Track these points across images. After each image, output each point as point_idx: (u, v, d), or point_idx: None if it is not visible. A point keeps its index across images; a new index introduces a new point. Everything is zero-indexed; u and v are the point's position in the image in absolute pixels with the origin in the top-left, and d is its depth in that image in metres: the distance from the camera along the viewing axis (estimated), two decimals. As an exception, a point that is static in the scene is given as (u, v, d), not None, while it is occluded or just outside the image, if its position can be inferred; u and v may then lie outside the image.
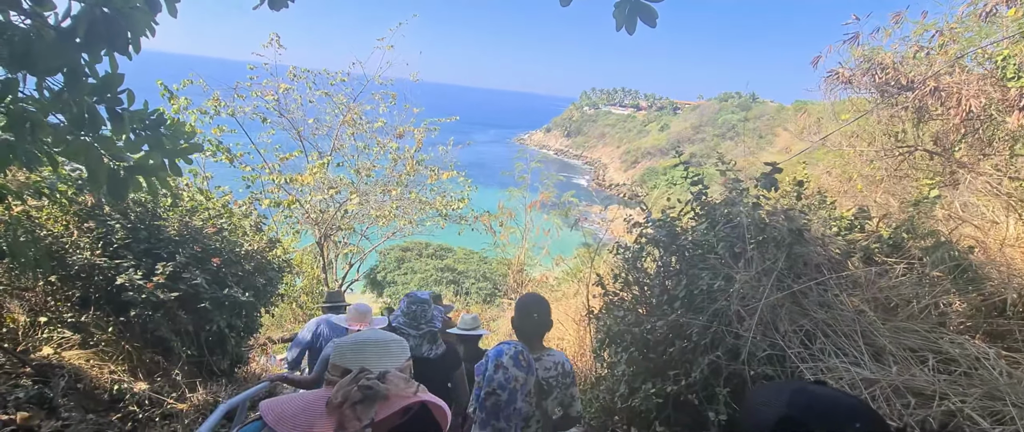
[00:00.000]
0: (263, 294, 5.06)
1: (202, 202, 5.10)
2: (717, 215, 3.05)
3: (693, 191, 3.36)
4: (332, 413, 1.14)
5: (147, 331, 4.15)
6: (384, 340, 1.30)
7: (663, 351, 3.11)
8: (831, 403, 0.98)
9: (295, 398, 1.21)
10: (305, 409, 1.18)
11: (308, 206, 7.86)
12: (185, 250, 4.36)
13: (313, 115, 8.13)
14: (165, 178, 2.13)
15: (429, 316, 2.74)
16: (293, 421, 1.16)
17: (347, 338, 1.31)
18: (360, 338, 1.29)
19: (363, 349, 1.27)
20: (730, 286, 2.68)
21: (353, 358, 1.24)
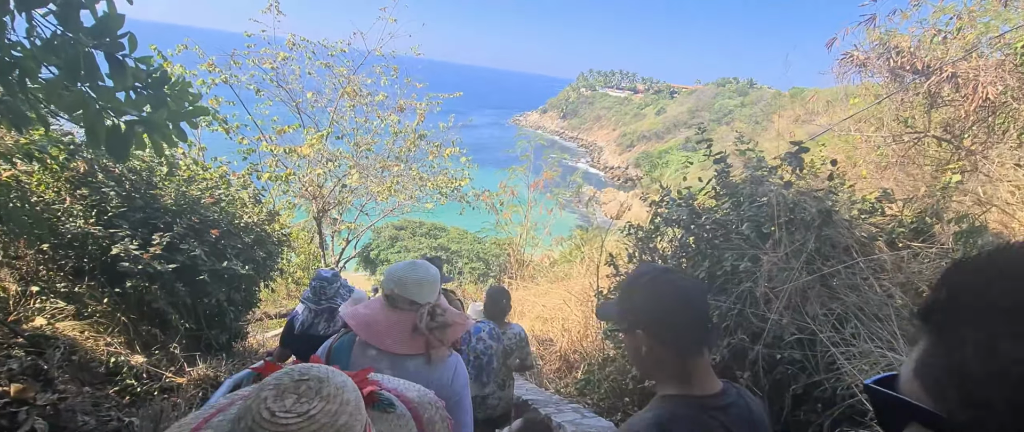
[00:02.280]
0: (262, 268, 4.93)
1: (199, 172, 4.92)
2: (741, 194, 2.95)
3: (716, 169, 3.25)
4: (419, 335, 1.52)
5: (144, 303, 4.02)
6: (433, 278, 1.64)
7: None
8: None
9: (376, 314, 1.59)
10: (393, 326, 1.54)
11: (305, 179, 7.68)
12: (183, 220, 4.20)
13: (312, 87, 7.89)
14: (171, 137, 1.98)
15: (331, 293, 2.85)
16: (385, 335, 1.53)
17: (408, 273, 1.62)
18: (418, 276, 1.62)
19: (427, 284, 1.61)
20: (756, 267, 2.60)
21: (419, 291, 1.59)
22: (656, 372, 1.16)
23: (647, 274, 1.18)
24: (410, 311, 1.58)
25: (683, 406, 1.09)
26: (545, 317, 5.72)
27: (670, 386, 1.14)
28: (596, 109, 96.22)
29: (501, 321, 3.41)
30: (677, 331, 1.11)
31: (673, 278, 1.14)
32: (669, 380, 1.14)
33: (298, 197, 8.02)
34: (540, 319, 5.73)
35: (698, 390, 1.11)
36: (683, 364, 1.12)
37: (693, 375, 1.12)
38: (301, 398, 0.82)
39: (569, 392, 4.18)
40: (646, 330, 1.14)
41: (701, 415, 1.08)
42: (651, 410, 1.13)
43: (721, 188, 3.18)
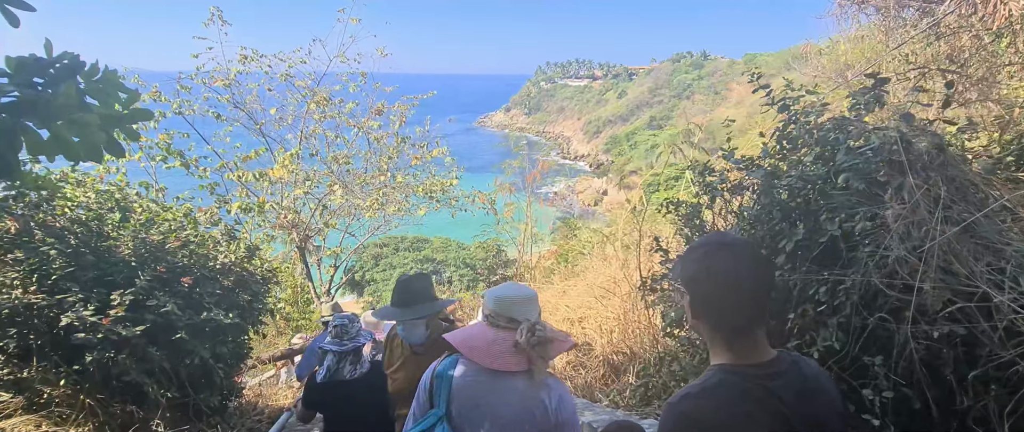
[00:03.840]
0: (249, 312, 4.26)
1: (159, 212, 4.21)
2: (826, 142, 2.44)
3: (779, 120, 2.74)
4: (521, 352, 1.58)
5: (111, 377, 3.32)
6: (531, 296, 1.71)
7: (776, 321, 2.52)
8: None
9: (474, 333, 1.67)
10: (492, 344, 1.61)
11: (281, 208, 6.95)
12: (146, 272, 3.51)
13: (273, 105, 7.15)
14: (97, 147, 1.36)
15: (354, 332, 2.78)
16: (486, 352, 1.59)
17: (506, 292, 1.69)
18: (516, 294, 1.69)
19: (525, 302, 1.67)
20: (876, 226, 2.09)
21: (518, 309, 1.64)
22: (706, 337, 1.17)
23: (704, 246, 1.17)
24: (509, 328, 1.62)
25: (727, 373, 1.09)
26: (572, 318, 5.17)
27: (716, 354, 1.15)
28: (558, 101, 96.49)
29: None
30: (722, 312, 1.10)
31: (729, 255, 1.11)
32: (716, 348, 1.15)
33: (275, 228, 7.29)
34: (567, 321, 5.18)
35: (744, 359, 1.10)
36: (726, 335, 1.11)
37: (739, 345, 1.11)
38: None
39: (629, 403, 3.64)
40: (693, 301, 1.15)
41: (744, 383, 1.07)
42: (695, 380, 1.14)
43: (804, 138, 2.66)
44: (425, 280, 2.50)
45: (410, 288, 2.42)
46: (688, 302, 1.16)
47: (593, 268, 6.51)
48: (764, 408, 1.04)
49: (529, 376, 1.58)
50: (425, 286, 2.47)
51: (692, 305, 1.15)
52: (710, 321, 1.13)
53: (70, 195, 3.82)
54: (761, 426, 1.04)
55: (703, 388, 1.08)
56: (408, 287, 2.42)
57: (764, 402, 1.05)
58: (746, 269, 1.09)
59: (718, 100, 67.99)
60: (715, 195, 3.05)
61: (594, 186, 56.45)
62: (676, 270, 1.27)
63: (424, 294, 2.43)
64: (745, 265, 1.10)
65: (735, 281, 1.08)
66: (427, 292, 2.45)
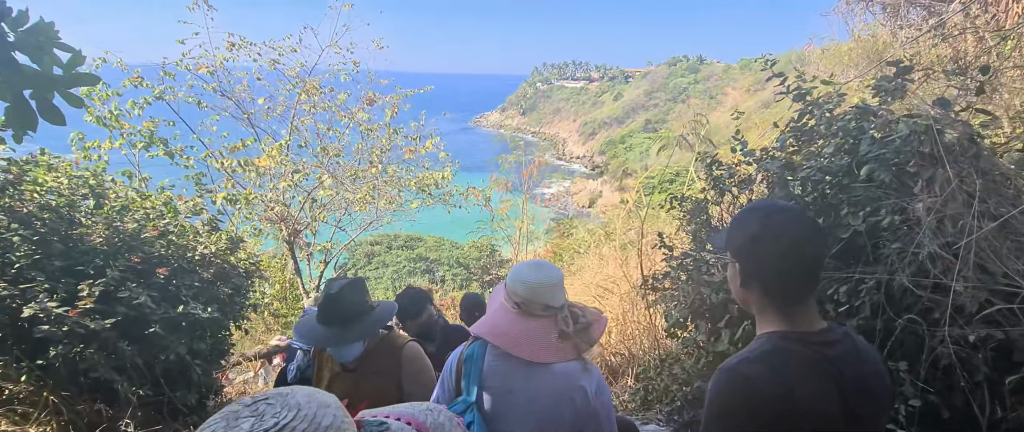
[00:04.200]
0: (230, 307, 4.05)
1: (135, 199, 4.00)
2: (848, 132, 2.28)
3: (794, 109, 2.58)
4: (566, 339, 1.51)
5: (78, 373, 3.11)
6: (560, 276, 1.60)
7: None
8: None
9: (510, 324, 1.53)
10: (533, 335, 1.50)
11: (269, 199, 6.72)
12: (118, 262, 3.30)
13: (262, 94, 6.92)
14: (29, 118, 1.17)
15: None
16: (529, 346, 1.48)
17: (536, 277, 1.55)
18: (548, 278, 1.55)
19: (557, 286, 1.56)
20: (906, 221, 1.93)
21: (551, 294, 1.54)
22: (754, 307, 1.14)
23: (762, 209, 1.13)
24: (546, 316, 1.53)
25: (781, 338, 1.06)
26: (568, 319, 4.98)
27: (766, 324, 1.12)
28: (554, 102, 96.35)
29: None
30: (779, 278, 1.08)
31: (788, 219, 1.09)
32: (766, 317, 1.12)
33: (263, 221, 7.06)
34: (563, 322, 4.99)
35: (800, 327, 1.08)
36: (783, 303, 1.09)
37: (792, 315, 1.08)
38: (261, 416, 0.67)
39: (628, 406, 3.47)
40: (745, 268, 1.12)
41: (802, 349, 1.04)
42: (747, 347, 1.11)
43: (826, 127, 2.50)
44: (358, 290, 2.02)
45: (341, 303, 1.95)
46: (738, 269, 1.13)
47: (589, 266, 6.34)
48: (822, 375, 1.02)
49: (575, 362, 1.53)
50: (358, 299, 2.00)
51: (743, 272, 1.12)
52: (764, 288, 1.10)
53: (40, 179, 3.60)
54: (820, 392, 1.01)
55: (761, 352, 1.05)
56: (338, 302, 1.95)
57: (822, 369, 1.02)
58: (806, 233, 1.06)
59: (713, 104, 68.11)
60: (723, 190, 2.88)
61: (589, 187, 56.33)
62: (721, 237, 1.24)
63: (357, 309, 1.98)
64: (805, 229, 1.07)
65: (796, 245, 1.05)
66: (361, 305, 2.00)
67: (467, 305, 3.85)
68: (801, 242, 1.06)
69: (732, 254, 1.17)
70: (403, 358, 2.04)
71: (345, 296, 1.95)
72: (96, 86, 2.78)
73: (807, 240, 1.07)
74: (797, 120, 2.55)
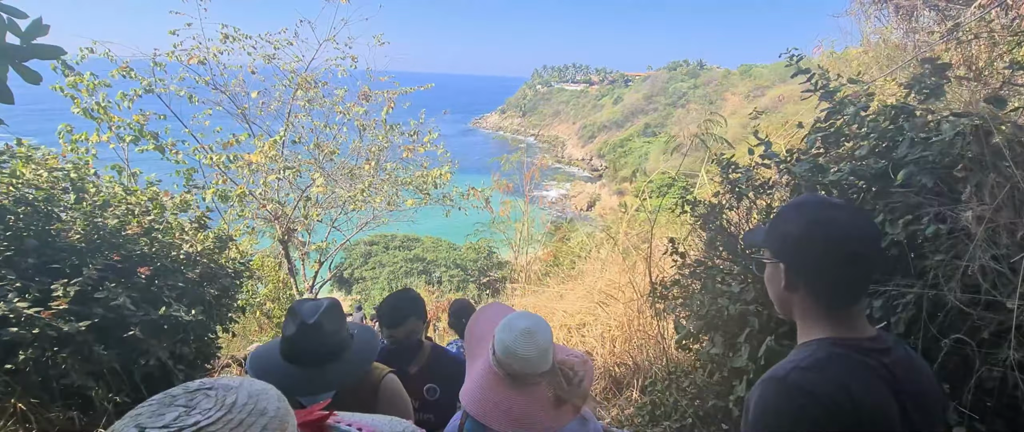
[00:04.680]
0: (216, 309, 3.86)
1: (120, 194, 3.80)
2: (885, 131, 2.10)
3: (822, 109, 2.41)
4: (561, 403, 1.39)
5: (50, 379, 2.92)
6: (549, 334, 1.44)
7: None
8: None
9: (507, 398, 1.38)
10: (533, 406, 1.37)
11: (261, 196, 6.52)
12: (97, 260, 3.11)
13: (256, 88, 6.72)
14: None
15: None
16: (529, 419, 1.36)
17: (526, 346, 1.37)
18: (540, 343, 1.39)
19: (548, 347, 1.41)
20: (952, 230, 1.76)
21: (543, 363, 1.40)
22: (798, 311, 1.06)
23: (810, 204, 1.04)
24: (539, 383, 1.41)
25: (835, 346, 0.97)
26: (570, 325, 4.81)
27: (813, 330, 1.03)
28: (554, 104, 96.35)
29: None
30: (830, 280, 0.98)
31: (841, 216, 0.98)
32: (812, 322, 1.03)
33: (257, 219, 6.86)
34: (565, 328, 4.82)
35: (848, 333, 0.99)
36: (828, 309, 1.01)
37: (842, 320, 1.00)
38: (189, 409, 0.62)
39: (635, 420, 3.28)
40: (791, 268, 1.03)
41: (858, 356, 0.96)
42: (794, 354, 1.02)
43: (858, 127, 2.33)
44: (336, 317, 1.55)
45: (317, 336, 1.48)
46: (783, 270, 1.04)
47: (591, 271, 6.16)
48: (881, 384, 0.95)
49: (579, 421, 1.49)
50: (337, 329, 1.54)
51: (789, 273, 1.02)
52: (813, 291, 1.01)
53: (18, 171, 3.40)
54: (881, 402, 0.94)
55: (815, 360, 0.96)
56: (314, 335, 1.47)
57: (881, 377, 0.95)
58: (861, 230, 0.97)
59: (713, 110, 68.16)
60: (742, 194, 2.71)
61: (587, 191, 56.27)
62: (758, 235, 1.15)
63: (336, 343, 1.52)
64: (860, 226, 0.98)
65: (850, 244, 0.96)
66: (340, 338, 1.54)
67: (457, 311, 3.68)
68: (855, 241, 0.96)
69: (774, 253, 1.06)
70: (380, 394, 1.70)
71: (323, 327, 1.48)
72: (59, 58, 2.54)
73: (861, 238, 0.96)
74: (825, 120, 2.37)
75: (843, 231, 0.96)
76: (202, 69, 6.20)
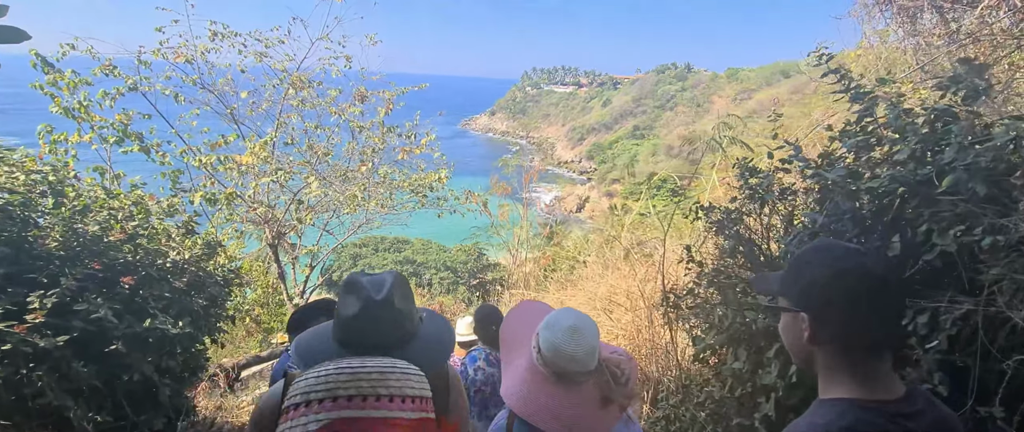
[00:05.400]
0: (205, 319, 3.66)
1: (102, 198, 3.59)
2: (926, 135, 1.99)
3: (854, 110, 2.29)
4: (608, 403, 1.37)
5: (24, 398, 2.70)
6: (596, 337, 1.41)
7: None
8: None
9: (555, 397, 1.35)
10: (583, 406, 1.35)
11: (251, 198, 6.30)
12: (76, 269, 2.90)
13: (246, 88, 6.50)
14: None
15: None
16: (578, 420, 1.34)
17: (574, 344, 1.34)
18: (589, 341, 1.37)
19: (593, 352, 1.37)
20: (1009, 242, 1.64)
21: (590, 361, 1.37)
22: (818, 366, 1.00)
23: (835, 249, 0.97)
24: (586, 381, 1.37)
25: (861, 409, 0.90)
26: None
27: (837, 387, 0.95)
28: (543, 106, 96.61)
29: (496, 344, 3.05)
30: (860, 331, 0.92)
31: (865, 261, 0.92)
32: (835, 378, 0.96)
33: (246, 223, 6.63)
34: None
35: (875, 394, 0.92)
36: (854, 362, 0.94)
37: (869, 375, 0.93)
38: None
39: (649, 437, 3.14)
40: (815, 317, 0.96)
41: (882, 422, 0.89)
42: (812, 415, 0.95)
43: (864, 138, 2.22)
44: (407, 295, 1.34)
45: (388, 318, 1.25)
46: (807, 322, 0.97)
47: (591, 276, 6.03)
48: None
49: (624, 421, 1.48)
50: (408, 311, 1.32)
51: (816, 324, 0.96)
52: (841, 343, 0.95)
53: (-10, 174, 3.18)
54: None
55: (838, 427, 0.89)
56: (385, 316, 1.25)
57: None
58: (886, 277, 0.92)
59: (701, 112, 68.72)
60: (765, 200, 2.58)
61: (577, 192, 56.37)
62: (773, 283, 1.08)
63: (407, 327, 1.31)
64: (888, 274, 0.93)
65: (876, 292, 0.91)
66: (410, 322, 1.34)
67: (483, 317, 3.38)
68: (880, 290, 0.91)
69: (794, 302, 1.00)
70: (451, 386, 1.41)
71: (395, 306, 1.25)
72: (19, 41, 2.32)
73: (890, 286, 0.92)
74: (857, 123, 2.25)
75: (874, 278, 0.90)
76: (189, 68, 5.96)
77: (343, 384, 1.02)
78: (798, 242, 2.40)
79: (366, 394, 1.02)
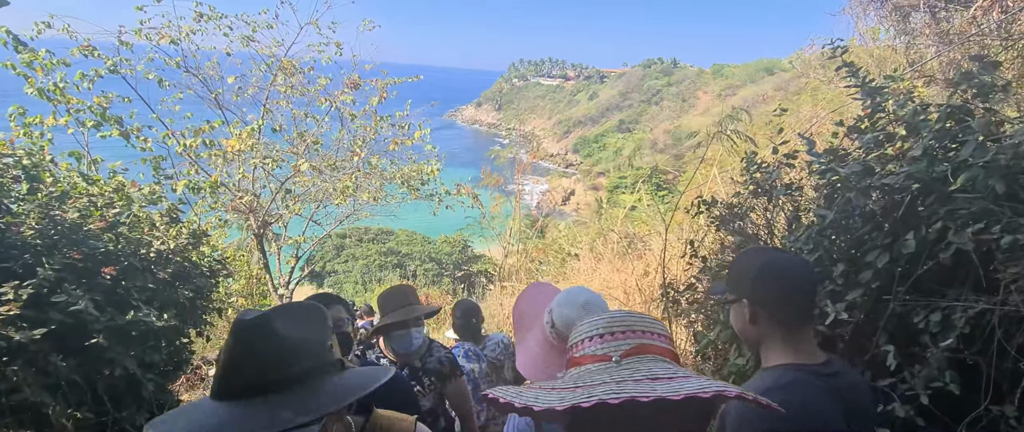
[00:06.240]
0: (190, 311, 3.53)
1: (81, 185, 3.43)
2: (939, 131, 1.96)
3: (865, 106, 2.26)
4: None
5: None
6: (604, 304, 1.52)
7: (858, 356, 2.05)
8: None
9: (552, 363, 1.44)
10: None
11: (235, 186, 6.12)
12: (54, 259, 2.76)
13: (233, 72, 6.29)
14: None
15: None
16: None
17: (583, 314, 1.36)
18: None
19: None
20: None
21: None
22: (762, 340, 1.25)
23: (761, 252, 1.37)
24: None
25: (792, 371, 1.16)
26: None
27: (775, 356, 1.22)
28: (530, 99, 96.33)
29: (478, 337, 3.28)
30: (783, 300, 1.21)
31: (780, 255, 1.30)
32: (774, 349, 1.23)
33: (230, 212, 6.45)
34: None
35: (804, 359, 1.19)
36: (788, 333, 1.21)
37: (799, 344, 1.21)
38: None
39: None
40: (753, 299, 1.24)
41: (812, 379, 1.15)
42: (762, 377, 1.20)
43: (874, 134, 2.19)
44: (298, 323, 0.98)
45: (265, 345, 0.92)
46: (746, 306, 1.23)
47: (582, 270, 5.99)
48: (835, 405, 1.12)
49: None
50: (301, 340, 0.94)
51: (752, 307, 1.23)
52: (772, 319, 1.21)
53: (-40, 158, 3.01)
54: (835, 423, 1.11)
55: (784, 383, 1.13)
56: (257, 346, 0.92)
57: (834, 399, 1.13)
58: (803, 268, 1.25)
59: (685, 107, 69.18)
60: (773, 195, 2.55)
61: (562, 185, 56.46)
62: (721, 286, 1.34)
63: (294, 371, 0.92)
64: (801, 265, 1.26)
65: (796, 279, 1.20)
66: (311, 364, 0.97)
67: (465, 312, 3.46)
68: (801, 276, 1.22)
69: (736, 294, 1.26)
70: None
71: (279, 332, 0.92)
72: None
73: (805, 275, 1.23)
74: (870, 118, 2.22)
75: (790, 268, 1.21)
76: (173, 50, 5.75)
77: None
78: (806, 238, 2.38)
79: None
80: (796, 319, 1.19)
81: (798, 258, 1.28)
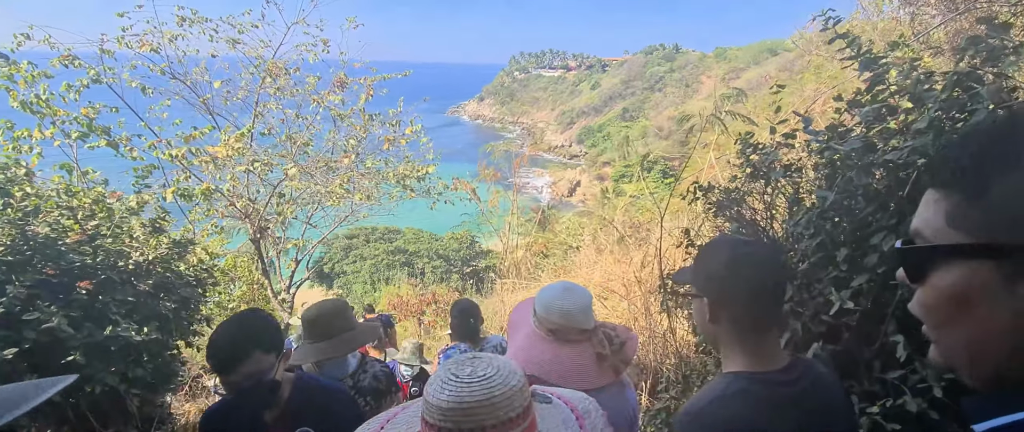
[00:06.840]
0: (175, 323, 3.44)
1: (54, 197, 3.34)
2: (945, 102, 1.80)
3: (863, 79, 2.10)
4: (604, 361, 1.53)
5: (-28, 418, 2.49)
6: (590, 298, 1.62)
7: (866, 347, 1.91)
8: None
9: (551, 353, 1.53)
10: (575, 361, 1.52)
11: (229, 191, 6.03)
12: (26, 275, 2.67)
13: (220, 76, 6.18)
14: None
15: None
16: (574, 374, 1.50)
17: (570, 303, 1.54)
18: (581, 302, 1.57)
19: (590, 308, 1.58)
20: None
21: (585, 318, 1.55)
22: (720, 341, 1.18)
23: (724, 244, 1.20)
24: (582, 340, 1.56)
25: (746, 380, 1.09)
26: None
27: (734, 360, 1.15)
28: (532, 91, 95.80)
29: (476, 340, 3.12)
30: (747, 301, 1.11)
31: (751, 251, 1.14)
32: (732, 352, 1.15)
33: (226, 217, 6.36)
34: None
35: (763, 365, 1.11)
36: (748, 336, 1.12)
37: (759, 348, 1.12)
38: (477, 367, 0.89)
39: (648, 431, 2.98)
40: (713, 299, 1.14)
41: (766, 390, 1.08)
42: (712, 386, 1.14)
43: (874, 108, 2.03)
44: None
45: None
46: (707, 304, 1.16)
47: (584, 263, 5.86)
48: (784, 417, 1.06)
49: (619, 385, 1.58)
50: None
51: (715, 307, 1.14)
52: (731, 323, 1.13)
53: (-70, 175, 2.93)
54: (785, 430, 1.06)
55: (732, 394, 1.08)
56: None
57: (784, 411, 1.07)
58: (770, 265, 1.12)
59: (689, 93, 68.47)
60: (770, 177, 2.39)
61: (567, 176, 56.18)
62: (686, 274, 1.28)
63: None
64: (768, 261, 1.13)
65: (761, 278, 1.10)
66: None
67: (462, 311, 3.32)
68: (766, 274, 1.10)
69: (699, 290, 1.19)
70: None
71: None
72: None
73: (771, 272, 1.12)
74: (868, 91, 2.06)
75: (755, 266, 1.09)
76: (157, 57, 5.64)
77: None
78: (807, 222, 2.23)
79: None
80: (759, 322, 1.11)
81: (768, 253, 1.16)
